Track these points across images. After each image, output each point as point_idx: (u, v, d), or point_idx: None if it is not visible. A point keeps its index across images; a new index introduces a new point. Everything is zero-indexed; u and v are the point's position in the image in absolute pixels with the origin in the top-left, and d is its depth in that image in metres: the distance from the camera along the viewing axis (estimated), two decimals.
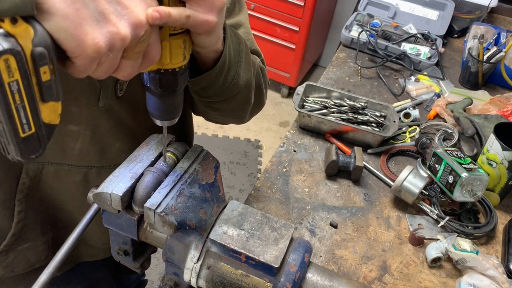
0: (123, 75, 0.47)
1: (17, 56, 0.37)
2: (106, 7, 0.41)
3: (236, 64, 0.67)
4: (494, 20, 1.90)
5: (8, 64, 0.37)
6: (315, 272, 0.58)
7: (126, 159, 0.61)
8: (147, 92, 0.54)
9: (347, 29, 1.61)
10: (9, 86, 0.38)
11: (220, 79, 0.65)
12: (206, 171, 0.63)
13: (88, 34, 0.40)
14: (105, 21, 0.41)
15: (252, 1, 2.74)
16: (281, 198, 1.02)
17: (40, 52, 0.38)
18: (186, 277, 0.58)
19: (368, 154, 1.16)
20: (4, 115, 0.39)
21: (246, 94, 0.74)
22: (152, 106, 0.54)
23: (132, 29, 0.42)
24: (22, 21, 0.37)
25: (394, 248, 0.94)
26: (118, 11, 0.41)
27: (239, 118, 0.84)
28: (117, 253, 0.67)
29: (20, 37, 0.37)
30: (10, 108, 0.39)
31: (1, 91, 0.38)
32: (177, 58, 0.51)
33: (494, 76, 1.45)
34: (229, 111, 0.77)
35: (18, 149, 0.41)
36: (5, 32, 0.37)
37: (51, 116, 0.43)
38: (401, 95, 1.39)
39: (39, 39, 0.38)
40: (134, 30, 0.42)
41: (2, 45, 0.36)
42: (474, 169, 0.96)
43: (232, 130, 2.86)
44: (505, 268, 0.90)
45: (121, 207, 0.57)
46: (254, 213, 0.60)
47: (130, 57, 0.45)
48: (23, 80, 0.39)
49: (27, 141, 0.42)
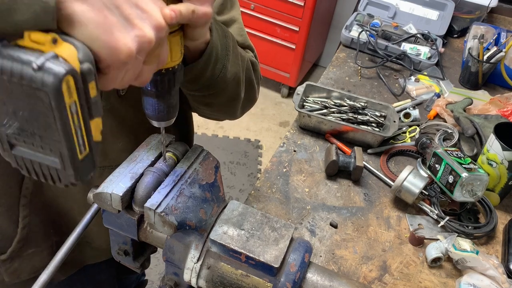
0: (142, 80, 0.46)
1: (75, 76, 0.36)
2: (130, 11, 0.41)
3: (224, 58, 0.67)
4: (494, 20, 1.90)
5: (69, 86, 0.36)
6: (315, 272, 0.58)
7: (126, 159, 0.61)
8: (144, 95, 0.53)
9: (347, 29, 1.61)
10: (69, 108, 0.37)
11: (208, 71, 0.65)
12: (206, 171, 0.63)
13: (120, 39, 0.39)
14: (131, 25, 0.41)
15: (252, 1, 2.74)
16: (281, 198, 1.02)
17: (88, 68, 0.37)
18: (186, 277, 0.58)
19: (368, 154, 1.16)
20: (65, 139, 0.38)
21: (234, 88, 0.74)
22: (150, 108, 0.54)
23: (155, 32, 0.42)
24: (61, 40, 0.36)
25: (394, 248, 0.94)
26: (139, 15, 0.41)
27: (230, 113, 0.84)
28: (117, 253, 0.67)
29: (67, 56, 0.36)
30: (71, 131, 0.37)
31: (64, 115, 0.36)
32: (176, 55, 0.51)
33: (494, 76, 1.45)
34: (219, 105, 0.77)
35: (76, 173, 0.40)
36: (55, 54, 0.35)
37: (96, 133, 0.42)
38: (401, 95, 1.39)
39: (83, 54, 0.37)
40: (157, 33, 0.43)
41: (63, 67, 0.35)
42: (474, 169, 0.96)
43: (232, 130, 2.86)
44: (505, 268, 0.90)
45: (121, 207, 0.57)
46: (254, 213, 0.60)
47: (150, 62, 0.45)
48: (80, 99, 0.37)
49: (84, 163, 0.40)
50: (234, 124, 2.90)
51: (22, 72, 0.34)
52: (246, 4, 2.76)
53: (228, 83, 0.71)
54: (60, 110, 0.36)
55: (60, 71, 0.34)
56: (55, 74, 0.34)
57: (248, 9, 2.77)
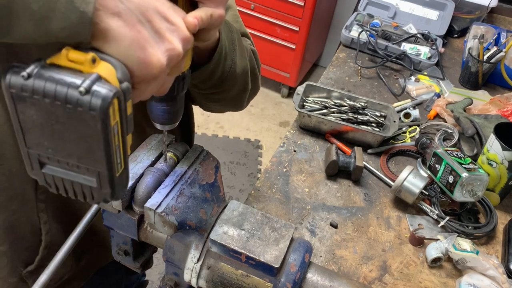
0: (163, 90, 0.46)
1: (120, 98, 0.36)
2: (160, 25, 0.40)
3: (231, 53, 0.67)
4: (494, 20, 1.89)
5: (114, 108, 0.35)
6: (316, 272, 0.58)
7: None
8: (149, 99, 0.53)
9: (347, 29, 1.61)
10: (112, 130, 0.36)
11: (218, 70, 0.65)
12: (207, 171, 0.63)
13: (153, 55, 0.39)
14: (162, 39, 0.40)
15: (252, 1, 2.74)
16: (281, 198, 1.02)
17: (127, 87, 0.37)
18: (186, 277, 0.58)
19: (368, 154, 1.16)
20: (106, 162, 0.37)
21: (243, 81, 0.74)
22: (155, 111, 0.54)
23: (183, 44, 0.42)
24: (98, 58, 0.35)
25: (394, 248, 0.94)
26: (168, 28, 0.41)
27: (238, 105, 0.84)
28: (117, 253, 0.67)
29: (107, 76, 0.35)
30: (112, 151, 0.37)
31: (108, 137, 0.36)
32: (187, 61, 0.51)
33: (494, 76, 1.45)
34: (228, 100, 0.77)
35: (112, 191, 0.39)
36: (98, 75, 0.34)
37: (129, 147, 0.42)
38: (401, 95, 1.39)
39: (122, 73, 0.37)
40: (185, 45, 0.43)
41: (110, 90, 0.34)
42: (474, 169, 0.96)
43: (232, 130, 2.86)
44: (505, 268, 0.90)
45: (122, 207, 0.57)
46: (255, 213, 0.60)
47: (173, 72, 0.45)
48: (121, 120, 0.37)
49: (119, 180, 0.40)
50: (234, 124, 2.90)
51: (68, 95, 0.34)
52: (246, 4, 2.76)
53: (237, 77, 0.71)
54: (105, 133, 0.35)
55: (108, 94, 0.34)
56: (103, 98, 0.34)
57: (248, 9, 2.77)
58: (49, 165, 0.39)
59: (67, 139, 0.36)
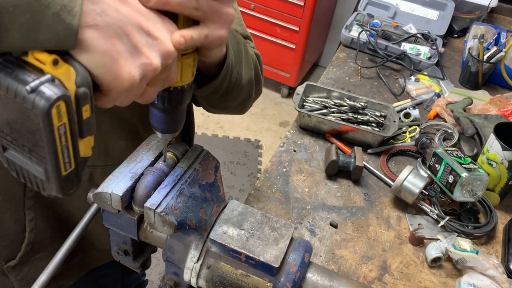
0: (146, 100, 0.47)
1: (67, 101, 0.37)
2: (139, 39, 0.41)
3: (238, 65, 0.67)
4: (494, 20, 1.89)
5: (59, 110, 0.36)
6: (315, 272, 0.58)
7: (126, 159, 0.61)
8: (151, 106, 0.54)
9: (347, 29, 1.61)
10: (58, 131, 0.37)
11: (225, 83, 0.66)
12: (206, 171, 0.63)
13: (124, 68, 0.39)
14: (138, 54, 0.41)
15: (252, 1, 2.74)
16: (281, 198, 1.02)
17: (83, 92, 0.38)
18: (186, 277, 0.58)
19: (368, 154, 1.16)
20: (50, 158, 0.38)
21: (248, 90, 0.75)
22: (156, 120, 0.54)
23: (162, 59, 0.42)
24: (62, 61, 0.37)
25: (394, 248, 0.94)
26: (149, 42, 0.41)
27: (242, 111, 0.85)
28: (117, 253, 0.67)
29: (64, 79, 0.37)
30: (57, 151, 0.38)
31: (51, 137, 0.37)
32: (187, 76, 0.51)
33: (494, 76, 1.45)
34: (233, 107, 0.78)
35: (58, 187, 0.41)
36: (51, 77, 0.36)
37: (86, 150, 0.43)
38: (401, 95, 1.39)
39: (81, 79, 0.38)
40: (164, 60, 0.43)
41: (55, 92, 0.35)
42: (474, 169, 0.96)
43: (232, 130, 2.86)
44: (505, 268, 0.90)
45: (121, 207, 0.57)
46: (254, 213, 0.60)
47: (154, 84, 0.45)
48: (70, 122, 0.38)
49: (68, 178, 0.41)
50: (234, 124, 2.90)
51: (17, 90, 0.35)
52: (246, 4, 2.76)
53: (243, 88, 0.72)
54: (47, 132, 0.37)
55: (51, 96, 0.35)
56: (46, 99, 0.35)
57: (248, 9, 2.77)
58: (10, 150, 0.41)
59: (20, 130, 0.38)
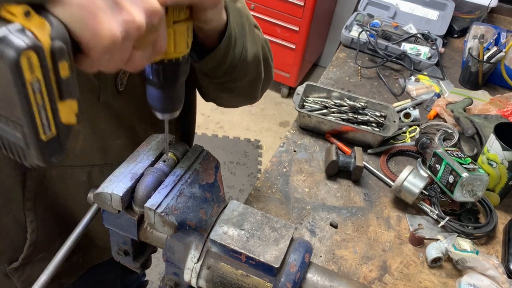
0: (134, 66, 0.44)
1: (39, 52, 0.34)
2: None
3: (241, 38, 0.65)
4: (494, 20, 1.89)
5: (30, 62, 0.34)
6: (316, 272, 0.58)
7: (126, 159, 0.61)
8: (148, 84, 0.52)
9: (347, 29, 1.61)
10: (31, 86, 0.35)
11: (229, 56, 0.63)
12: (207, 171, 0.63)
13: (104, 23, 0.37)
14: (120, 9, 0.38)
15: (252, 1, 2.74)
16: (281, 198, 1.02)
17: (59, 46, 0.36)
18: (186, 277, 0.58)
19: (368, 154, 1.16)
20: (26, 118, 0.36)
21: (256, 68, 0.72)
22: (153, 98, 0.53)
23: (147, 17, 0.40)
24: (35, 14, 0.35)
25: (394, 248, 0.94)
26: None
27: (252, 96, 0.82)
28: (117, 253, 0.67)
29: (37, 31, 0.34)
30: (32, 109, 0.36)
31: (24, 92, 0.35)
32: (181, 46, 0.49)
33: (494, 76, 1.45)
34: (241, 89, 0.75)
35: (39, 153, 0.39)
36: (21, 26, 0.34)
37: (69, 115, 0.40)
38: (401, 95, 1.39)
39: (56, 32, 0.35)
40: (149, 18, 0.40)
41: (24, 41, 0.33)
42: (474, 169, 0.96)
43: (232, 130, 2.86)
44: (505, 268, 0.90)
45: (121, 207, 0.57)
46: (254, 213, 0.60)
47: (141, 47, 0.43)
48: (44, 78, 0.36)
49: (48, 144, 0.39)
50: (234, 124, 2.90)
51: None
52: (246, 4, 2.75)
53: (249, 64, 0.69)
54: (18, 86, 0.34)
55: (20, 45, 0.33)
56: (15, 48, 0.33)
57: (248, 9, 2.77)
58: None
59: None
